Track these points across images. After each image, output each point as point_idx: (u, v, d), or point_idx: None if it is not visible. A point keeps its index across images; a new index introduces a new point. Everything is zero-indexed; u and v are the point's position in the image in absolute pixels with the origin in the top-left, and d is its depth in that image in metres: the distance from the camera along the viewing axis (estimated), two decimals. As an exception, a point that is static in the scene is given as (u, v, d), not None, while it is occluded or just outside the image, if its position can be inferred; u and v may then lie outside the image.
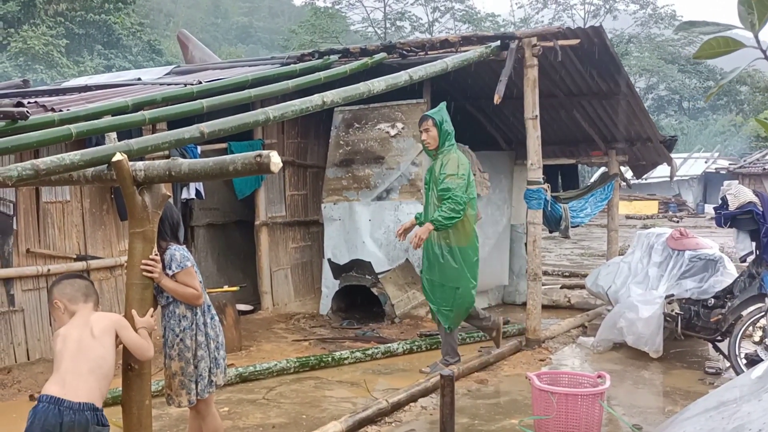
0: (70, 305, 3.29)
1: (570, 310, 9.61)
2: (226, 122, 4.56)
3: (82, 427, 3.03)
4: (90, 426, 3.05)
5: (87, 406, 3.06)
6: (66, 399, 3.03)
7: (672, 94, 53.55)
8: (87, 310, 3.30)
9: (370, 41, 36.74)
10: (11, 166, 3.20)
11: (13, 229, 6.45)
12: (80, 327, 3.20)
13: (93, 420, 3.06)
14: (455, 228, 6.25)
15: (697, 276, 7.08)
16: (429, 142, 6.51)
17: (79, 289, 3.33)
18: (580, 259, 16.76)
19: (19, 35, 26.96)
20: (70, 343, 3.15)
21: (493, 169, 9.75)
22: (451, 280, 6.32)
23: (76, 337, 3.17)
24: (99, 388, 3.14)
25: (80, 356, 3.12)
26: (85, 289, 3.35)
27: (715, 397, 3.56)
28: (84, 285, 3.38)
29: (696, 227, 21.09)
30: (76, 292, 3.31)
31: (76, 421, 3.02)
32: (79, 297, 3.31)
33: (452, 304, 6.34)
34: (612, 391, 5.46)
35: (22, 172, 3.18)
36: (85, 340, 3.16)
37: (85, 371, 3.11)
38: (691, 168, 35.76)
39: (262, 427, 5.12)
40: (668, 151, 10.51)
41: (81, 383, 3.08)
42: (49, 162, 3.24)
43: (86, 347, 3.14)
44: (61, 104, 6.55)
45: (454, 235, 6.28)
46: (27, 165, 3.20)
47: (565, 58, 7.77)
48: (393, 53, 8.12)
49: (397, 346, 7.17)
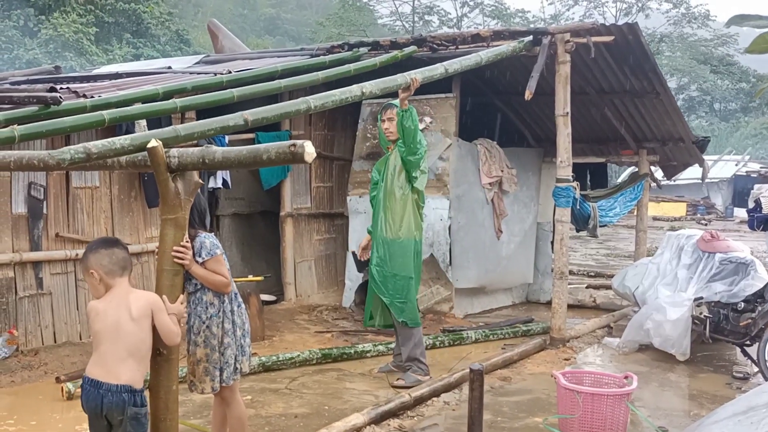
0: (107, 278, 3.23)
1: (595, 310, 9.52)
2: (270, 110, 4.56)
3: (119, 407, 3.13)
4: (127, 407, 3.14)
5: (125, 388, 3.13)
6: (105, 382, 3.13)
7: (703, 95, 52.84)
8: (124, 284, 3.26)
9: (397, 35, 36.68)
10: (64, 149, 3.22)
11: (43, 213, 6.52)
12: (117, 306, 3.19)
13: (130, 401, 3.14)
14: (402, 220, 6.05)
15: (728, 279, 6.97)
16: (391, 131, 6.12)
17: (117, 262, 3.25)
18: (605, 260, 16.61)
19: (50, 22, 27.25)
20: (109, 323, 3.16)
21: (521, 166, 9.68)
22: (404, 269, 6.06)
23: (114, 317, 3.17)
24: (138, 370, 3.20)
25: (119, 340, 3.15)
26: (123, 262, 3.27)
27: (744, 401, 3.50)
28: (122, 257, 3.28)
29: (725, 230, 20.79)
30: (114, 265, 3.24)
31: (114, 402, 3.12)
32: (117, 271, 3.24)
33: (406, 295, 6.03)
34: (637, 392, 5.40)
35: (75, 155, 3.20)
36: (123, 323, 3.16)
37: (125, 355, 3.16)
38: (721, 170, 35.24)
39: (285, 417, 5.13)
40: (701, 152, 10.36)
41: (121, 366, 3.14)
42: (100, 146, 3.26)
43: (125, 331, 3.16)
44: (92, 90, 6.61)
45: (403, 227, 6.06)
46: (79, 148, 3.22)
47: (598, 55, 7.68)
48: (423, 46, 8.07)
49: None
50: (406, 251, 6.07)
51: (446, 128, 8.59)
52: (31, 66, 20.75)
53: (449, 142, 8.51)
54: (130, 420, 3.16)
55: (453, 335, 7.49)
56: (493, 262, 9.20)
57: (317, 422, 4.94)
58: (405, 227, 6.07)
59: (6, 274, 6.25)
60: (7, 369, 5.92)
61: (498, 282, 9.52)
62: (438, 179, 8.53)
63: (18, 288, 6.33)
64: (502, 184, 9.21)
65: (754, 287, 6.70)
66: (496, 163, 9.11)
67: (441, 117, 8.64)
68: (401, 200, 6.05)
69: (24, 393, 5.57)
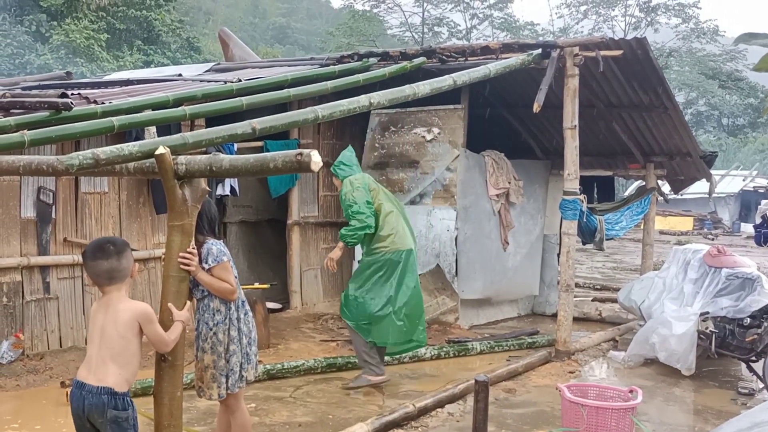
0: (96, 285, 3.34)
1: (601, 324, 9.48)
2: (278, 119, 4.59)
3: (99, 409, 3.15)
4: (107, 409, 3.15)
5: (105, 390, 3.15)
6: (87, 383, 3.17)
7: (711, 110, 52.69)
8: (113, 292, 3.27)
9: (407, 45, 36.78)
10: (73, 155, 3.25)
11: (52, 217, 6.56)
12: (106, 312, 3.25)
13: (110, 404, 3.15)
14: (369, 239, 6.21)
15: (734, 294, 6.94)
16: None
17: (101, 274, 3.26)
18: (611, 273, 16.55)
19: (62, 28, 27.42)
20: (95, 328, 3.25)
21: (528, 179, 9.68)
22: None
23: (100, 322, 3.24)
24: (121, 374, 3.20)
25: (102, 344, 3.22)
26: (107, 273, 3.24)
27: (749, 417, 3.48)
28: (105, 269, 3.24)
29: (731, 245, 20.71)
30: (98, 276, 3.28)
31: (94, 404, 3.15)
32: (102, 281, 3.27)
33: (370, 317, 6.12)
34: (642, 407, 5.37)
35: (83, 161, 3.22)
36: (107, 328, 3.22)
37: (108, 358, 3.19)
38: (728, 185, 35.13)
39: (289, 425, 5.13)
40: (708, 167, 10.34)
41: (103, 369, 3.18)
42: (109, 152, 3.29)
43: (108, 336, 3.21)
44: (103, 96, 6.65)
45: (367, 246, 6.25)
46: (88, 154, 3.25)
47: (607, 68, 7.69)
48: (432, 58, 8.11)
49: (424, 351, 7.12)
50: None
51: (454, 139, 8.60)
52: (42, 71, 20.86)
53: (457, 153, 8.52)
54: (110, 423, 3.15)
55: (458, 346, 7.48)
56: (499, 274, 9.19)
57: (321, 431, 4.94)
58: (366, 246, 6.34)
59: (13, 278, 6.29)
60: (13, 373, 5.94)
61: (504, 293, 9.51)
62: (445, 190, 8.54)
63: (25, 292, 6.36)
64: (509, 196, 9.21)
65: (761, 303, 6.66)
66: (503, 174, 9.12)
67: (449, 128, 8.66)
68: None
69: (29, 397, 5.59)
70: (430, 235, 8.51)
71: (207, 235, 3.82)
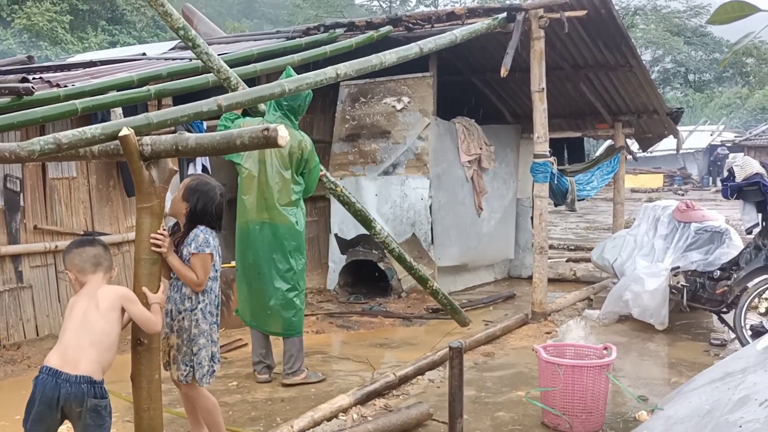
0: (80, 276, 3.25)
1: (576, 284, 9.63)
2: (244, 95, 4.54)
3: (78, 399, 3.05)
4: (86, 399, 3.06)
5: (84, 379, 3.06)
6: (64, 372, 3.05)
7: (678, 67, 53.04)
8: (96, 280, 3.25)
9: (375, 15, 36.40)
10: (33, 140, 3.19)
11: (20, 205, 6.47)
12: (87, 298, 3.20)
13: (90, 393, 3.06)
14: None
15: (703, 248, 7.08)
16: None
17: (88, 260, 3.25)
18: (585, 233, 16.75)
19: (23, 12, 26.81)
20: (76, 314, 3.17)
21: (499, 143, 9.72)
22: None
23: (81, 308, 3.17)
24: (99, 361, 3.13)
25: (83, 329, 3.13)
26: (94, 259, 3.26)
27: (721, 368, 3.58)
28: (92, 255, 3.27)
29: (701, 200, 21.01)
30: (85, 262, 3.25)
31: (72, 394, 3.04)
32: (88, 268, 3.25)
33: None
34: (618, 363, 5.49)
35: (44, 146, 3.17)
36: (90, 313, 3.15)
37: (87, 344, 3.11)
38: (696, 141, 35.52)
39: (271, 401, 5.16)
40: (674, 124, 10.45)
41: (81, 356, 3.08)
42: (71, 136, 3.23)
43: (90, 320, 3.14)
44: (66, 80, 6.53)
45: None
46: (49, 138, 3.19)
47: (572, 29, 7.71)
48: (399, 26, 8.07)
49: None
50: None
51: (424, 107, 8.60)
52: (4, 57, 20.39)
53: (427, 122, 8.52)
54: (89, 412, 3.07)
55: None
56: (474, 240, 9.26)
57: (303, 405, 4.98)
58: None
59: (-15, 268, 6.21)
60: (-10, 364, 5.89)
61: (480, 259, 9.60)
62: (417, 159, 8.55)
63: (-3, 282, 6.29)
64: (481, 162, 9.25)
65: (729, 255, 6.81)
66: (474, 140, 9.15)
67: (418, 96, 8.65)
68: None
69: (7, 388, 5.54)
70: (404, 205, 8.53)
71: (206, 226, 3.78)
